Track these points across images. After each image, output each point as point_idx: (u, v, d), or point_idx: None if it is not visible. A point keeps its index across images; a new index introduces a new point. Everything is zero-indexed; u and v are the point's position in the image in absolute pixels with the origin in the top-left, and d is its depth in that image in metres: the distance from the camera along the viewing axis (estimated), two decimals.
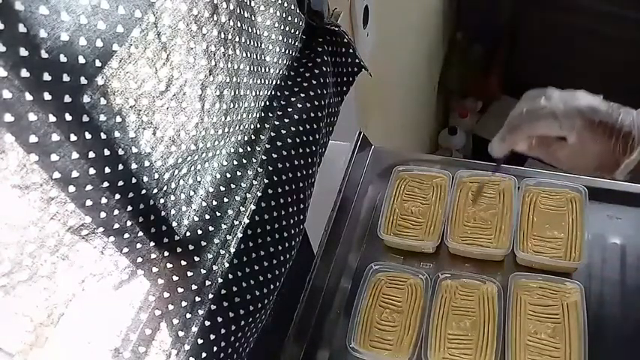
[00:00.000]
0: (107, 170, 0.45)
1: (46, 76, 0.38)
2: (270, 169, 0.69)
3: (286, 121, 0.73)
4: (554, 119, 0.62)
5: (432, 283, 0.87)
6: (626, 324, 0.81)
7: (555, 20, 1.88)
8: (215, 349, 0.60)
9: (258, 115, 0.70)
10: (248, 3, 0.62)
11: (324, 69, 0.80)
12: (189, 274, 0.58)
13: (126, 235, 0.50)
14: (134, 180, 0.49)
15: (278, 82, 0.75)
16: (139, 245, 0.52)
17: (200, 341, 0.58)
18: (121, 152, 0.47)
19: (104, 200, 0.46)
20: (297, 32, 0.76)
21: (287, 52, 0.75)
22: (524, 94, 0.67)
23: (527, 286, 0.85)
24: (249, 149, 0.68)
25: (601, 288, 0.85)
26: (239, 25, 0.60)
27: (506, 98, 2.32)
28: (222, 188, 0.64)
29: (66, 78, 0.39)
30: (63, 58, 0.39)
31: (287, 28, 0.73)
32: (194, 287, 0.58)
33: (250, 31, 0.64)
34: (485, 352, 0.79)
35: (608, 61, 1.84)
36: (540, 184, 0.95)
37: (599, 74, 1.91)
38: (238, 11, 0.59)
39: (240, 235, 0.65)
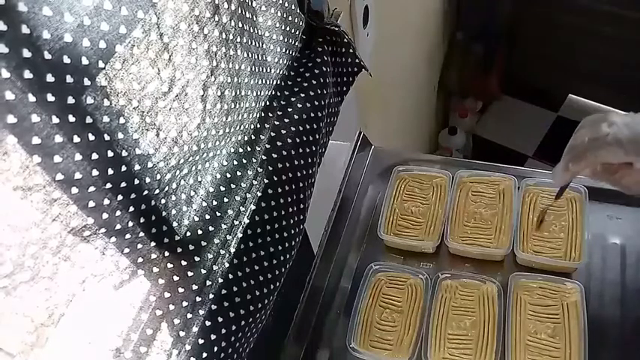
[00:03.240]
0: (110, 172, 0.45)
1: (50, 78, 0.38)
2: (270, 169, 0.69)
3: (286, 121, 0.73)
4: (619, 146, 0.60)
5: (432, 283, 0.87)
6: (626, 324, 0.81)
7: (555, 20, 1.88)
8: (216, 349, 0.60)
9: (258, 115, 0.70)
10: (249, 3, 0.62)
11: (324, 69, 0.80)
12: (190, 274, 0.58)
13: (127, 236, 0.50)
14: (137, 181, 0.49)
15: (278, 82, 0.75)
16: (139, 245, 0.52)
17: (201, 341, 0.59)
18: (124, 154, 0.47)
19: (107, 201, 0.46)
20: (297, 32, 0.77)
21: (287, 52, 0.75)
22: (582, 120, 0.65)
23: (527, 286, 0.85)
24: (249, 149, 0.68)
25: (601, 288, 0.85)
26: (240, 25, 0.60)
27: (507, 98, 2.33)
28: (223, 188, 0.64)
29: (69, 79, 0.39)
30: (66, 59, 0.39)
31: (288, 29, 0.73)
32: (195, 287, 0.58)
33: (252, 31, 0.64)
34: (485, 352, 0.79)
35: (608, 61, 1.85)
36: (540, 184, 0.95)
37: (599, 74, 1.92)
38: (240, 12, 0.60)
39: (240, 235, 0.65)
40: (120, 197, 0.47)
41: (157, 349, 0.55)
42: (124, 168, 0.47)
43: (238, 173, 0.66)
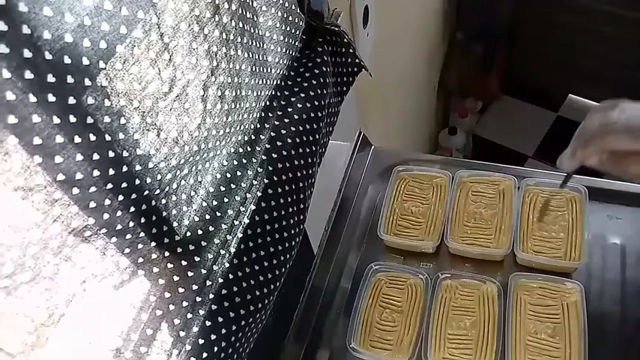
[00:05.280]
0: (111, 172, 0.45)
1: (50, 78, 0.38)
2: (270, 169, 0.69)
3: (286, 121, 0.73)
4: (629, 134, 0.59)
5: (432, 283, 0.87)
6: (626, 324, 0.82)
7: (555, 20, 1.88)
8: (216, 349, 0.60)
9: (258, 115, 0.70)
10: (250, 3, 0.62)
11: (324, 69, 0.80)
12: (190, 274, 0.58)
13: (128, 236, 0.50)
14: (137, 181, 0.49)
15: (278, 82, 0.75)
16: (140, 246, 0.52)
17: (201, 341, 0.59)
18: (125, 154, 0.47)
19: (107, 202, 0.46)
20: (297, 32, 0.76)
21: (288, 52, 0.75)
22: (593, 106, 0.64)
23: (527, 286, 0.85)
24: (249, 149, 0.68)
25: (601, 288, 0.85)
26: (241, 25, 0.60)
27: (507, 98, 2.33)
28: (223, 188, 0.64)
29: (70, 79, 0.39)
30: (67, 60, 0.39)
31: (288, 29, 0.73)
32: (195, 287, 0.59)
33: (252, 31, 0.64)
34: (485, 352, 0.79)
35: (608, 61, 1.85)
36: (540, 184, 0.95)
37: (599, 74, 1.92)
38: (240, 12, 0.60)
39: (240, 235, 0.65)
40: (121, 197, 0.47)
41: (157, 349, 0.55)
42: (124, 168, 0.47)
43: (238, 173, 0.66)
